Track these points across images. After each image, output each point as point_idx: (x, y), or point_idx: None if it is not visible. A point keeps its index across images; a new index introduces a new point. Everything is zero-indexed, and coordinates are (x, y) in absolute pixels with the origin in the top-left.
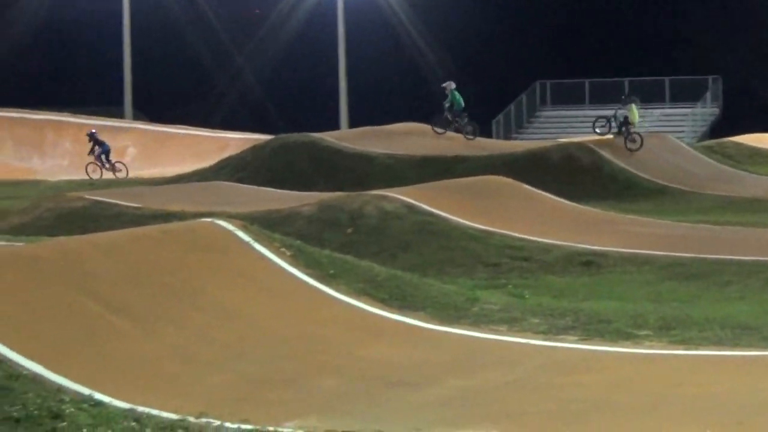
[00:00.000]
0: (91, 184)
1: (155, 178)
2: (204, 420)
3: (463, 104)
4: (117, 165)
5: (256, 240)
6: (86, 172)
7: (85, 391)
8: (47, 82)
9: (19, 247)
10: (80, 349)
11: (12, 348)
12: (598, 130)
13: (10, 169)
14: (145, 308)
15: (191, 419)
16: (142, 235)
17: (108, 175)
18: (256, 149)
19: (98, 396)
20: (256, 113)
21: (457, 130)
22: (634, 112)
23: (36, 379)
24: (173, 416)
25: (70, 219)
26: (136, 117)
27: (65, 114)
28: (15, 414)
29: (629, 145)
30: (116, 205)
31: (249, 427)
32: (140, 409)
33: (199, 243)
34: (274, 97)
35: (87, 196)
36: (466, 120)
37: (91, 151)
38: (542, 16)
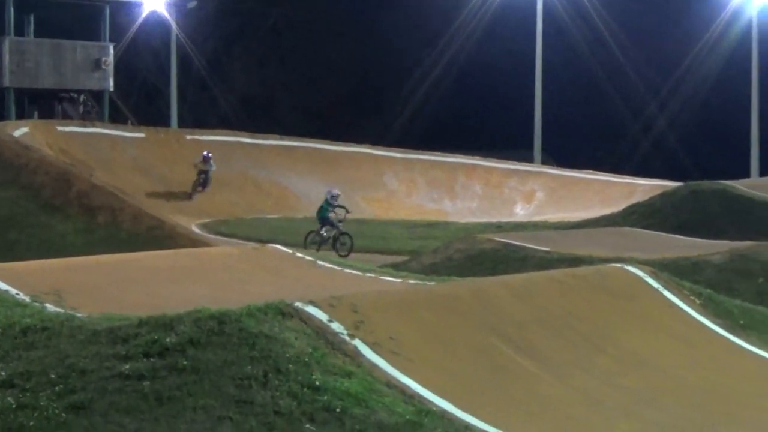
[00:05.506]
0: (498, 227)
1: (562, 222)
2: None
3: None
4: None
5: (666, 287)
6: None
7: (492, 430)
8: (460, 127)
9: (435, 286)
10: (489, 389)
11: (423, 384)
12: None
13: (423, 210)
14: (552, 351)
15: None
16: (552, 278)
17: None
18: (666, 196)
19: None
20: (669, 160)
21: None
22: None
23: (444, 416)
24: None
25: (479, 260)
26: (545, 161)
27: (476, 157)
28: None
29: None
30: (524, 248)
31: None
32: None
33: (608, 288)
34: (688, 144)
35: (496, 239)
36: None
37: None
38: None
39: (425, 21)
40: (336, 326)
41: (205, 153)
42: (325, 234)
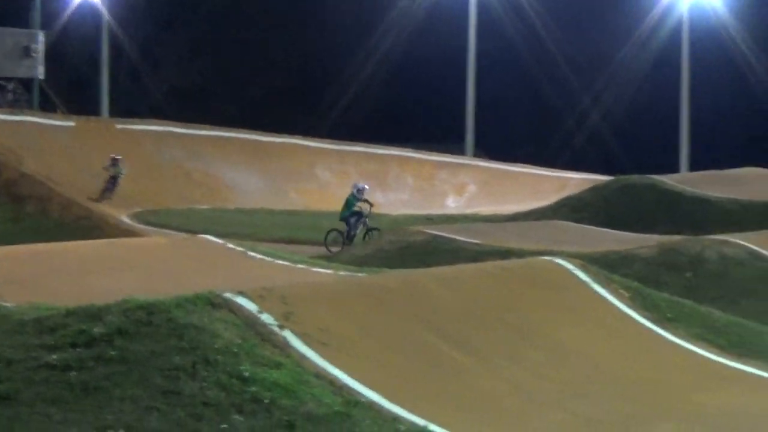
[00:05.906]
0: (429, 219)
1: (493, 215)
2: None
3: None
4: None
5: (595, 280)
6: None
7: (420, 421)
8: (393, 119)
9: (365, 278)
10: (418, 380)
11: (352, 376)
12: None
13: None
14: (483, 343)
15: None
16: (483, 270)
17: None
18: (596, 189)
19: (433, 427)
20: (603, 154)
21: None
22: None
23: (373, 407)
24: None
25: (410, 252)
26: (476, 155)
27: (408, 150)
28: None
29: None
30: (455, 240)
31: None
32: None
33: (538, 281)
34: (621, 138)
35: (427, 231)
36: None
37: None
38: None
39: (360, 13)
40: (266, 317)
41: (113, 156)
42: (351, 231)
